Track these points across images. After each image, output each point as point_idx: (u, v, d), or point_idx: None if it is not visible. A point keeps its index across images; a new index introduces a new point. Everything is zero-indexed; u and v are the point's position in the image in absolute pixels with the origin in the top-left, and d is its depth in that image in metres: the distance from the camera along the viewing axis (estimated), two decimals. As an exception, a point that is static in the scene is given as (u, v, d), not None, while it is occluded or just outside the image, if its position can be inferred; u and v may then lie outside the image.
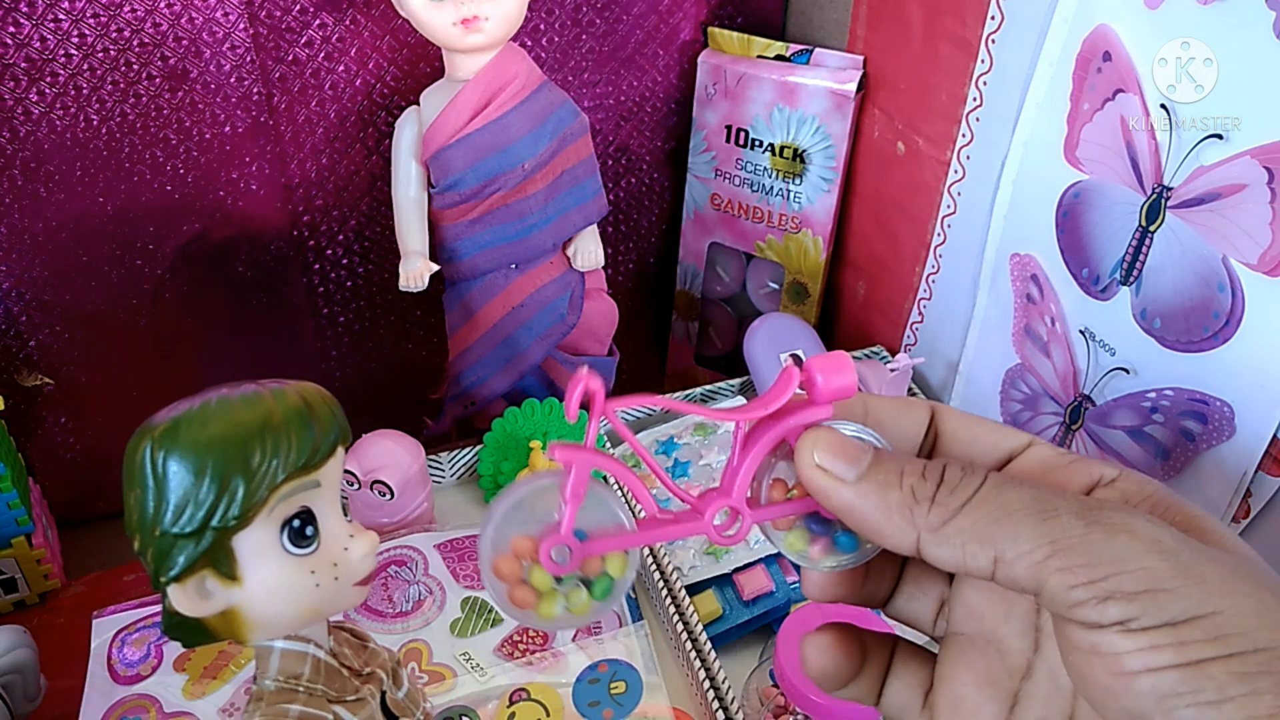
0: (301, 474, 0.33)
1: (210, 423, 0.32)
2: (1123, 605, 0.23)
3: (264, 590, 0.33)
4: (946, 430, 0.30)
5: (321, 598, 0.34)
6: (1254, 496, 0.51)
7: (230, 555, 0.33)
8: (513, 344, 0.70)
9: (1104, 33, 0.53)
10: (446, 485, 0.72)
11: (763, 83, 0.77)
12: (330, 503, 0.35)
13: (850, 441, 0.28)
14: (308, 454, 0.33)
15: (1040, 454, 0.29)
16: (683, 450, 0.70)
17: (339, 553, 0.34)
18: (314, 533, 0.34)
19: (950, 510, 0.25)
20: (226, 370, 0.76)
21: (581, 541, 0.29)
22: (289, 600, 0.34)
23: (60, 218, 0.66)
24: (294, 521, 0.33)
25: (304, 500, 0.34)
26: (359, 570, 0.35)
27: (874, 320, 0.81)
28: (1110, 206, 0.55)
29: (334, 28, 0.68)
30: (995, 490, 0.25)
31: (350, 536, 0.35)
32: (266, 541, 0.33)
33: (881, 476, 0.26)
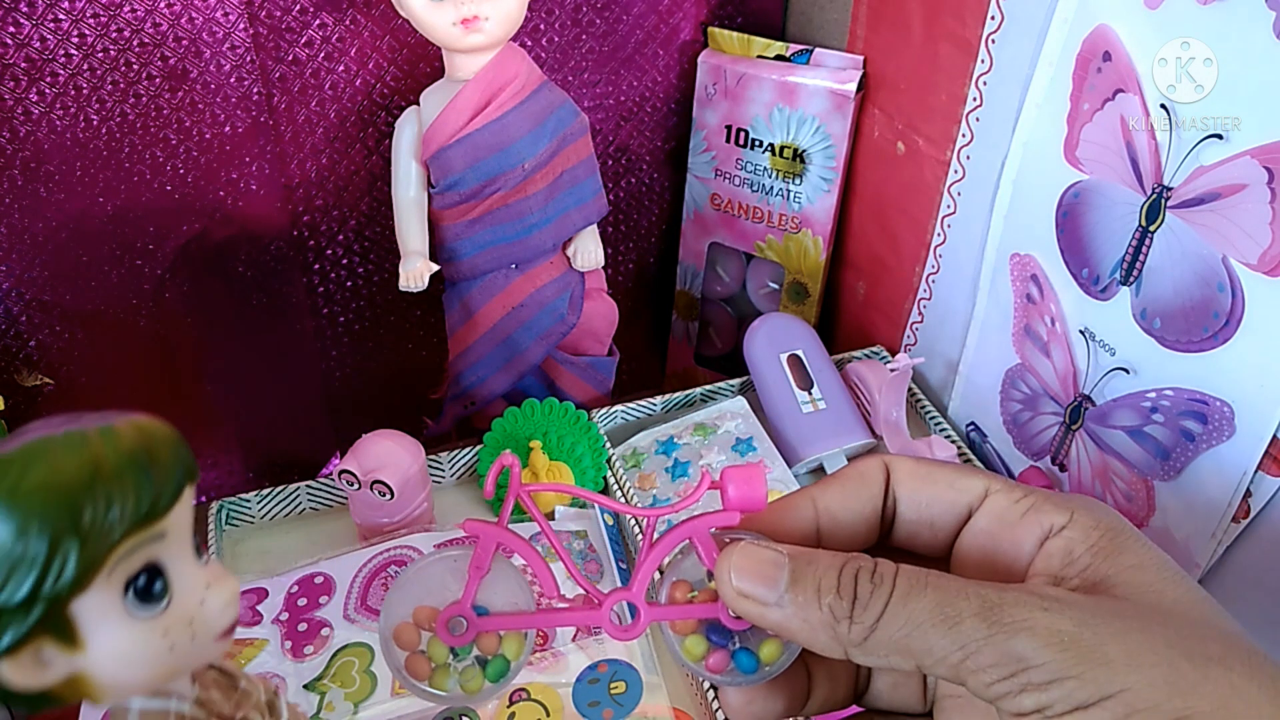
0: (143, 527, 0.29)
1: (30, 473, 0.27)
2: (1036, 695, 0.24)
3: (112, 657, 0.29)
4: (903, 496, 0.31)
5: (177, 659, 0.30)
6: (1254, 496, 0.51)
7: (68, 622, 0.28)
8: (513, 344, 0.70)
9: (1104, 33, 0.53)
10: (446, 485, 0.72)
11: (763, 83, 0.77)
12: (180, 551, 0.30)
13: (764, 561, 0.28)
14: (149, 504, 0.28)
15: (996, 506, 0.29)
16: (682, 450, 0.70)
17: (194, 607, 0.30)
18: (163, 588, 0.29)
19: (867, 627, 0.26)
20: (226, 370, 0.76)
21: (480, 616, 0.30)
22: (141, 666, 0.29)
23: (60, 218, 0.66)
24: (139, 579, 0.29)
25: (149, 555, 0.29)
26: (219, 623, 0.31)
27: (874, 320, 0.81)
28: (1110, 206, 0.55)
29: (334, 28, 0.68)
30: (902, 603, 0.26)
31: (206, 586, 0.31)
32: (109, 605, 0.28)
33: (801, 598, 0.27)
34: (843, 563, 0.27)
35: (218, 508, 0.66)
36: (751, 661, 0.30)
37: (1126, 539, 0.28)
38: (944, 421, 0.73)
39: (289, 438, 0.81)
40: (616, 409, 0.73)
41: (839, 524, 0.31)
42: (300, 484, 0.68)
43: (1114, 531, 0.28)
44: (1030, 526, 0.28)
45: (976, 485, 0.30)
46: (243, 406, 0.79)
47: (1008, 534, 0.29)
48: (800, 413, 0.71)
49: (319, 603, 0.59)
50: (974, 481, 0.30)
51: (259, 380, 0.78)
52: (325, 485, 0.69)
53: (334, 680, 0.55)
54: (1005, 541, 0.28)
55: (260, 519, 0.68)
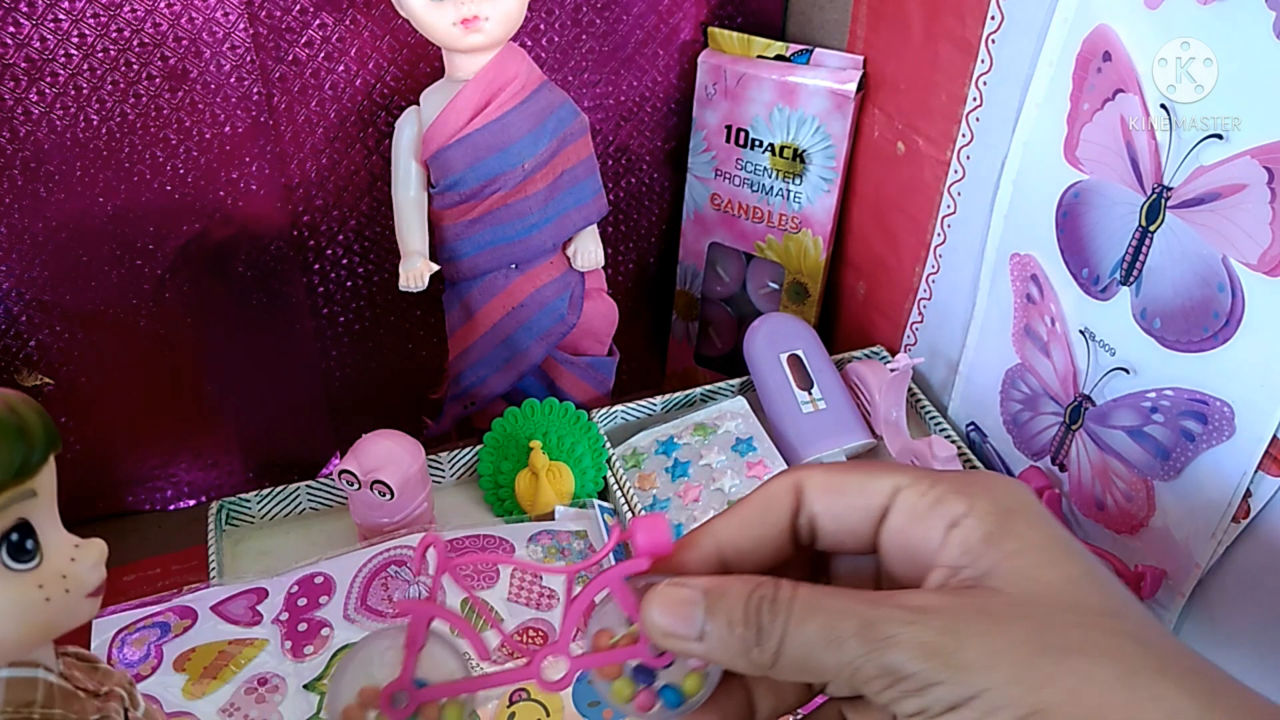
0: (14, 484, 0.31)
1: None
2: (915, 700, 0.26)
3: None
4: (819, 512, 0.32)
5: (54, 612, 0.32)
6: (1254, 496, 0.51)
7: None
8: (513, 344, 0.70)
9: (1104, 33, 0.53)
10: (446, 485, 0.72)
11: (763, 83, 0.77)
12: (49, 514, 0.33)
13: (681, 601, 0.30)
14: (20, 463, 0.31)
15: (906, 502, 0.30)
16: (682, 450, 0.70)
17: (66, 564, 0.33)
18: (35, 545, 0.32)
19: (772, 653, 0.28)
20: (226, 370, 0.76)
21: (420, 689, 0.31)
22: (19, 619, 0.32)
23: (60, 218, 0.66)
24: (12, 535, 0.31)
25: (20, 512, 0.32)
26: (90, 580, 0.33)
27: (874, 320, 0.81)
28: (1110, 206, 0.55)
29: (334, 28, 0.68)
30: (798, 628, 0.28)
31: (75, 546, 0.33)
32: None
33: (717, 631, 0.29)
34: (749, 592, 0.29)
35: (218, 508, 0.66)
36: (675, 695, 0.32)
37: (1015, 522, 0.29)
38: (944, 421, 0.73)
39: (289, 438, 0.81)
40: (616, 409, 0.73)
41: (744, 553, 0.32)
42: (300, 484, 0.68)
43: (1005, 514, 0.29)
44: (937, 519, 0.29)
45: (885, 485, 0.31)
46: (243, 406, 0.79)
47: (919, 529, 0.30)
48: (800, 413, 0.71)
49: (319, 603, 0.59)
50: (883, 482, 0.31)
51: (259, 380, 0.78)
52: (325, 485, 0.69)
53: (334, 680, 0.55)
54: (917, 537, 0.30)
55: (260, 519, 0.68)
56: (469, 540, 0.63)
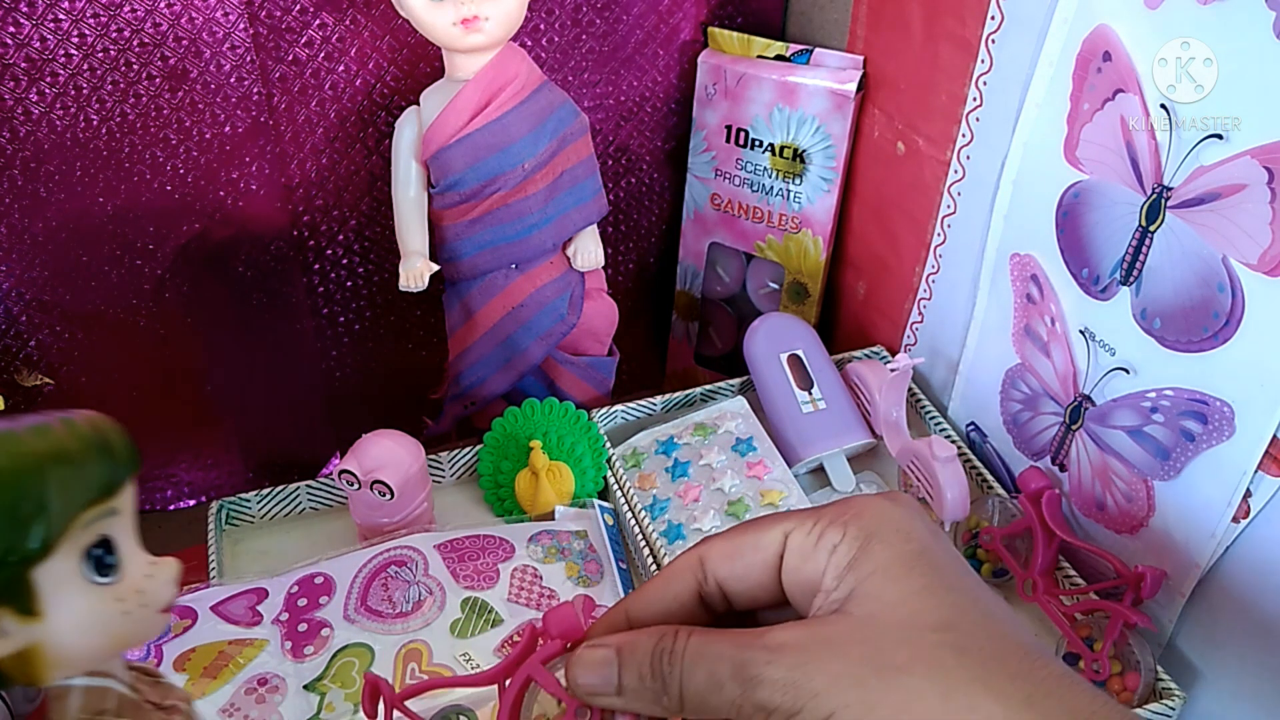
0: (101, 501, 0.32)
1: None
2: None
3: (70, 623, 0.32)
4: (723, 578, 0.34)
5: (130, 626, 0.34)
6: (1254, 496, 0.51)
7: (29, 590, 0.31)
8: (513, 344, 0.70)
9: (1104, 33, 0.53)
10: (446, 485, 0.72)
11: (763, 83, 0.77)
12: (128, 531, 0.34)
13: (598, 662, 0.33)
14: (106, 481, 0.32)
15: (795, 544, 0.32)
16: (682, 450, 0.70)
17: (142, 579, 0.34)
18: (115, 561, 0.33)
19: (676, 699, 0.31)
20: (226, 370, 0.76)
21: None
22: (97, 631, 0.33)
23: (60, 218, 0.66)
24: (95, 550, 0.33)
25: (104, 529, 0.33)
26: (163, 596, 0.35)
27: (874, 320, 0.81)
28: (1110, 206, 0.55)
29: (334, 28, 0.68)
30: (690, 676, 0.31)
31: (151, 563, 0.35)
32: (68, 573, 0.32)
33: (630, 686, 0.32)
34: (653, 646, 0.32)
35: (218, 508, 0.66)
36: None
37: (872, 543, 0.31)
38: (944, 421, 0.73)
39: (289, 438, 0.81)
40: (616, 409, 0.73)
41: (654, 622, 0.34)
42: (300, 484, 0.68)
43: (866, 537, 0.31)
44: (821, 552, 0.31)
45: (775, 536, 0.33)
46: (243, 406, 0.79)
47: (808, 565, 0.32)
48: (800, 413, 0.71)
49: (319, 603, 0.59)
50: (772, 534, 0.33)
51: (259, 380, 0.78)
52: (325, 485, 0.69)
53: (334, 681, 0.55)
54: (807, 572, 0.32)
55: (260, 519, 0.68)
56: (469, 541, 0.63)
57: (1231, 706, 0.55)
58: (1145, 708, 0.54)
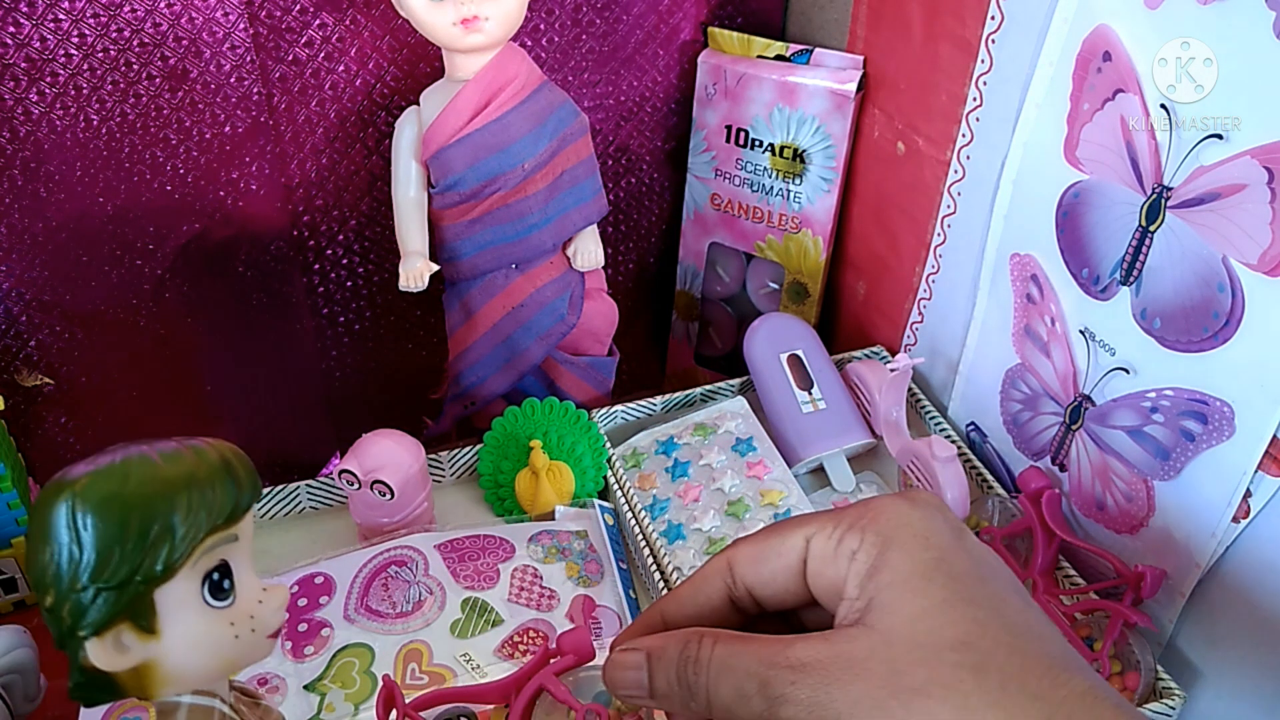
0: (224, 528, 0.34)
1: (132, 477, 0.33)
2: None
3: (184, 643, 0.34)
4: (751, 584, 0.34)
5: (240, 649, 0.35)
6: (1254, 496, 0.51)
7: (151, 608, 0.33)
8: (513, 344, 0.70)
9: (1104, 33, 0.53)
10: (446, 485, 0.72)
11: (763, 83, 0.77)
12: (245, 557, 0.36)
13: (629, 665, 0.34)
14: (230, 508, 0.34)
15: (817, 549, 0.32)
16: (682, 450, 0.70)
17: (255, 605, 0.36)
18: (231, 586, 0.35)
19: (703, 706, 0.32)
20: (226, 370, 0.76)
21: None
22: (209, 652, 0.35)
23: (60, 218, 0.66)
24: (214, 574, 0.34)
25: (224, 554, 0.35)
26: (273, 623, 0.36)
27: (874, 320, 0.81)
28: (1110, 206, 0.55)
29: (334, 28, 0.68)
30: (716, 686, 0.31)
31: (264, 590, 0.36)
32: (187, 594, 0.34)
33: (662, 689, 0.33)
34: (679, 652, 0.33)
35: (218, 508, 0.66)
36: None
37: (890, 551, 0.31)
38: (944, 421, 0.73)
39: (289, 438, 0.81)
40: (616, 409, 0.73)
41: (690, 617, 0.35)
42: (300, 484, 0.68)
43: (884, 544, 0.31)
44: (841, 558, 0.32)
45: (797, 540, 0.33)
46: (243, 406, 0.79)
47: (830, 569, 0.32)
48: (800, 413, 0.71)
49: (319, 603, 0.59)
50: (795, 538, 0.33)
51: (259, 380, 0.78)
52: (325, 485, 0.69)
53: (334, 681, 0.55)
54: (830, 577, 0.32)
55: (260, 519, 0.68)
56: (469, 541, 0.63)
57: (1232, 706, 0.55)
58: (1145, 708, 0.54)
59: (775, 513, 0.64)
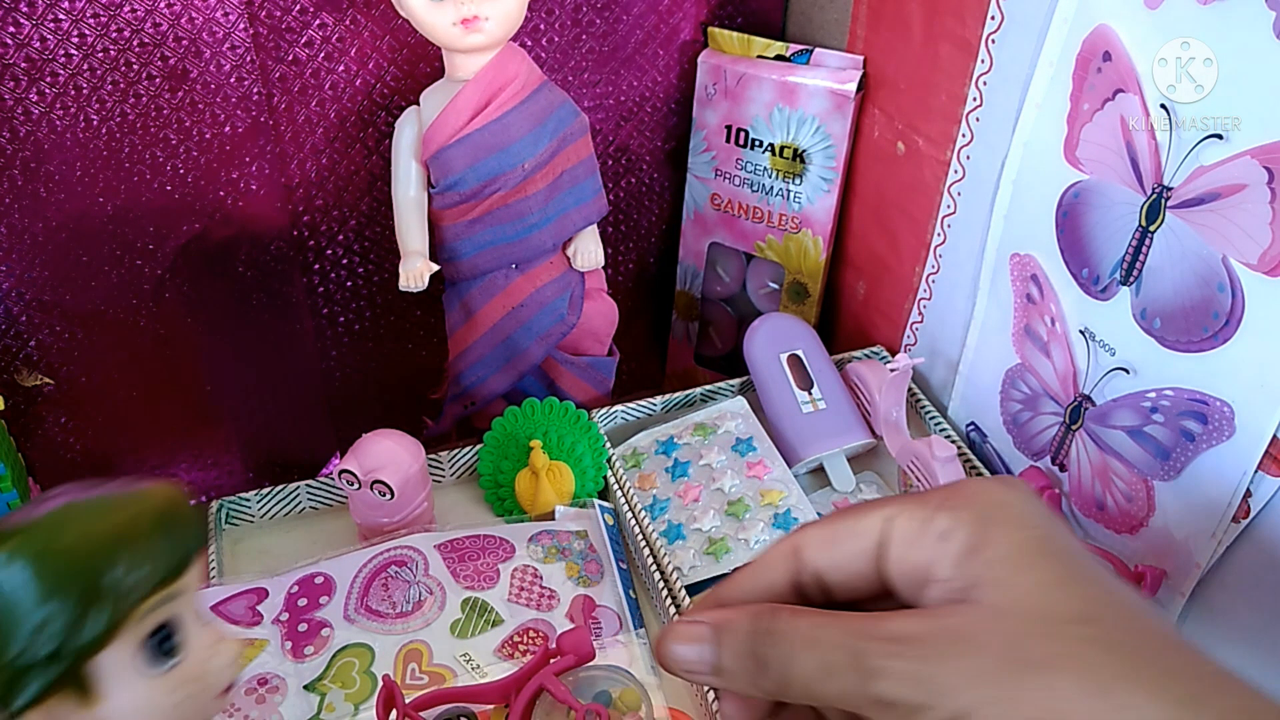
0: (165, 586, 0.31)
1: (60, 535, 0.30)
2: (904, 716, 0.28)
3: (125, 711, 0.31)
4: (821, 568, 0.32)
5: (187, 711, 0.33)
6: (1254, 496, 0.51)
7: (87, 679, 0.30)
8: (513, 344, 0.70)
9: (1104, 33, 0.53)
10: (446, 485, 0.72)
11: (763, 83, 0.77)
12: (191, 609, 0.33)
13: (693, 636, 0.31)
14: (175, 564, 0.31)
15: (900, 530, 0.31)
16: (682, 450, 0.70)
17: (202, 664, 0.33)
18: (176, 645, 0.32)
19: (776, 682, 0.30)
20: (226, 370, 0.76)
21: None
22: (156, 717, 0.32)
23: (60, 218, 0.66)
24: (156, 636, 0.31)
25: (166, 613, 0.32)
26: (222, 680, 0.34)
27: (874, 320, 0.81)
28: (1110, 206, 0.55)
29: (334, 28, 0.68)
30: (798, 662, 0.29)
31: (213, 644, 0.33)
32: (127, 661, 0.31)
33: (726, 665, 0.31)
34: (751, 625, 0.30)
35: (218, 507, 0.66)
36: None
37: (993, 528, 0.29)
38: (944, 421, 0.73)
39: (289, 438, 0.81)
40: (616, 409, 0.73)
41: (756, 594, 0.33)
42: (300, 484, 0.68)
43: (985, 522, 0.29)
44: (929, 537, 0.30)
45: (874, 520, 0.31)
46: (243, 406, 0.79)
47: (915, 552, 0.30)
48: (800, 413, 0.71)
49: (319, 603, 0.59)
50: (871, 519, 0.31)
51: (259, 380, 0.78)
52: (325, 485, 0.69)
53: (334, 681, 0.55)
54: (915, 560, 0.30)
55: (260, 519, 0.68)
56: (469, 541, 0.63)
57: (1231, 706, 0.55)
58: (1145, 708, 0.54)
59: (775, 513, 0.64)
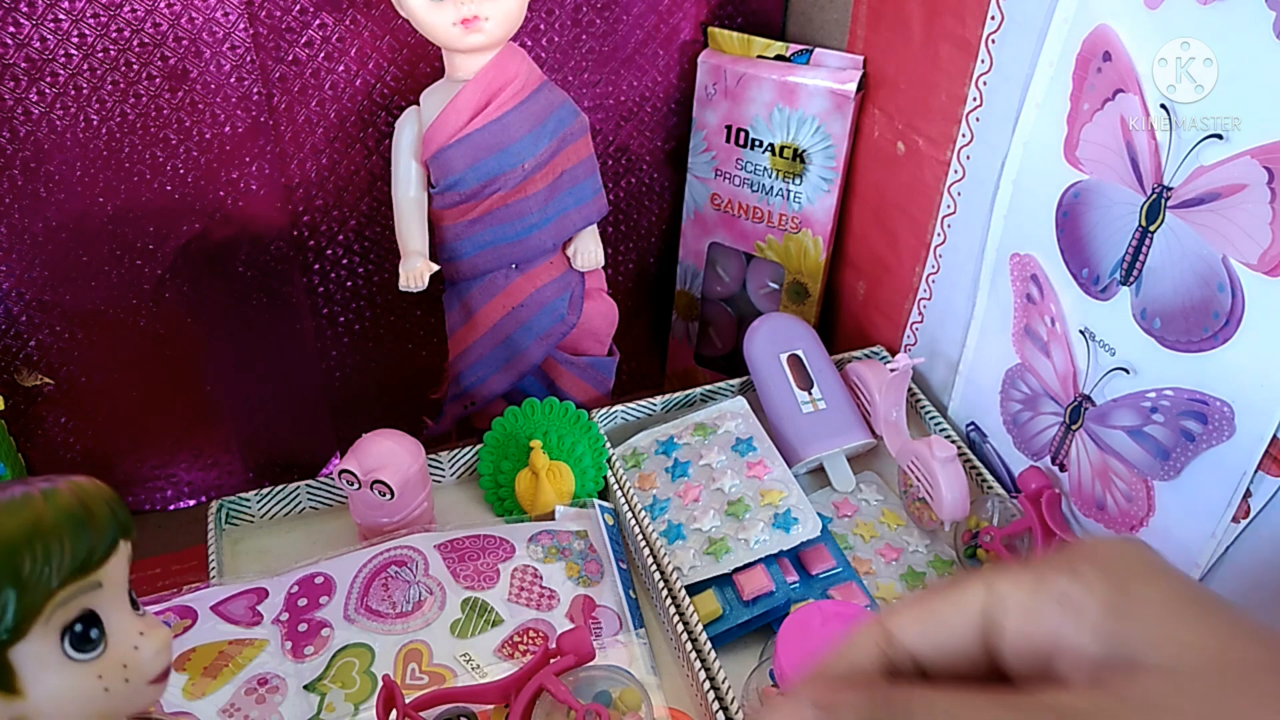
0: (79, 577, 0.32)
1: None
2: None
3: (50, 702, 0.31)
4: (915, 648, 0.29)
5: (112, 702, 0.33)
6: (1254, 496, 0.51)
7: (9, 668, 0.31)
8: (513, 344, 0.70)
9: (1104, 33, 0.53)
10: (446, 485, 0.72)
11: (763, 83, 0.77)
12: (116, 600, 0.33)
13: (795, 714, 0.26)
14: (84, 557, 0.32)
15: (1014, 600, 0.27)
16: (682, 450, 0.70)
17: (128, 652, 0.33)
18: (99, 635, 0.32)
19: None
20: (226, 370, 0.76)
21: None
22: (78, 708, 0.32)
23: (60, 218, 0.66)
24: (76, 626, 0.32)
25: (85, 603, 0.32)
26: (152, 668, 0.34)
27: (874, 320, 0.81)
28: (1110, 206, 0.55)
29: (334, 28, 0.68)
30: None
31: (140, 634, 0.34)
32: (47, 650, 0.31)
33: None
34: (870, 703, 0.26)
35: (218, 507, 0.66)
36: None
37: (1133, 584, 0.26)
38: (944, 421, 0.73)
39: (289, 438, 0.81)
40: (616, 409, 0.73)
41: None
42: (300, 484, 0.68)
43: (1117, 579, 0.26)
44: (1048, 605, 0.27)
45: (976, 594, 0.28)
46: (243, 406, 0.79)
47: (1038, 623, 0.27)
48: (800, 413, 0.71)
49: (319, 603, 0.59)
50: (973, 592, 0.28)
51: (259, 380, 0.78)
52: (325, 485, 0.69)
53: (334, 681, 0.55)
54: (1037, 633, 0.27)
55: (260, 518, 0.68)
56: (469, 541, 0.63)
57: (1232, 706, 0.55)
58: (1145, 708, 0.54)
59: (775, 513, 0.64)
